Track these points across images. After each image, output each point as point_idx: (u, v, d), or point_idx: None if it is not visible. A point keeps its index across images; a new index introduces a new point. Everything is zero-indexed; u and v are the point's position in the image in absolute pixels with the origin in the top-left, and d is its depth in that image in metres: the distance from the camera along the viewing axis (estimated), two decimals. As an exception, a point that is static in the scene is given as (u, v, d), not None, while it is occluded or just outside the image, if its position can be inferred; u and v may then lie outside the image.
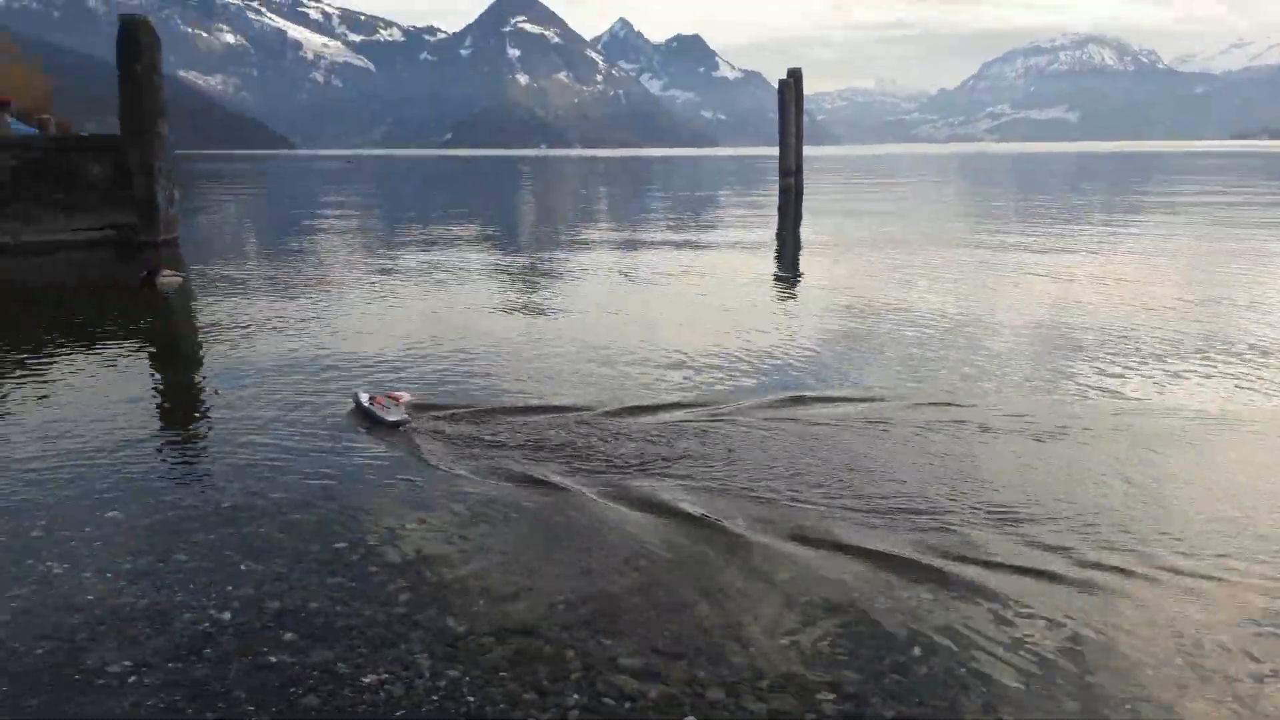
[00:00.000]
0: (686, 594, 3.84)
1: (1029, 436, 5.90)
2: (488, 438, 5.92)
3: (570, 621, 3.62)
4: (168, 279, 12.82)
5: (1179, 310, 10.33)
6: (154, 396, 7.26)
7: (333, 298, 12.02)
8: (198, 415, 6.85)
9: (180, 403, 7.20)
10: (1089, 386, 7.08)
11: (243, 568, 4.12)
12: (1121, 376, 7.36)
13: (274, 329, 9.73)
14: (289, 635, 3.58)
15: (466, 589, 3.87)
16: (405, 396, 6.59)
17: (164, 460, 5.68)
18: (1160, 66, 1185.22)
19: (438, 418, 6.40)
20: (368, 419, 6.34)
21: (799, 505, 4.78)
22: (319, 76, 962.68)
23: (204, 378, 8.02)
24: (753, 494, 4.93)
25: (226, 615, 3.74)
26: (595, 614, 3.69)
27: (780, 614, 3.69)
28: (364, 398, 6.57)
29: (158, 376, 8.08)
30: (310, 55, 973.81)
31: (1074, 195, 35.82)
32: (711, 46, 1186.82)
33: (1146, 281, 12.70)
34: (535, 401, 6.79)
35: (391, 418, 6.28)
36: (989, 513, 4.68)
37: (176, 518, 4.71)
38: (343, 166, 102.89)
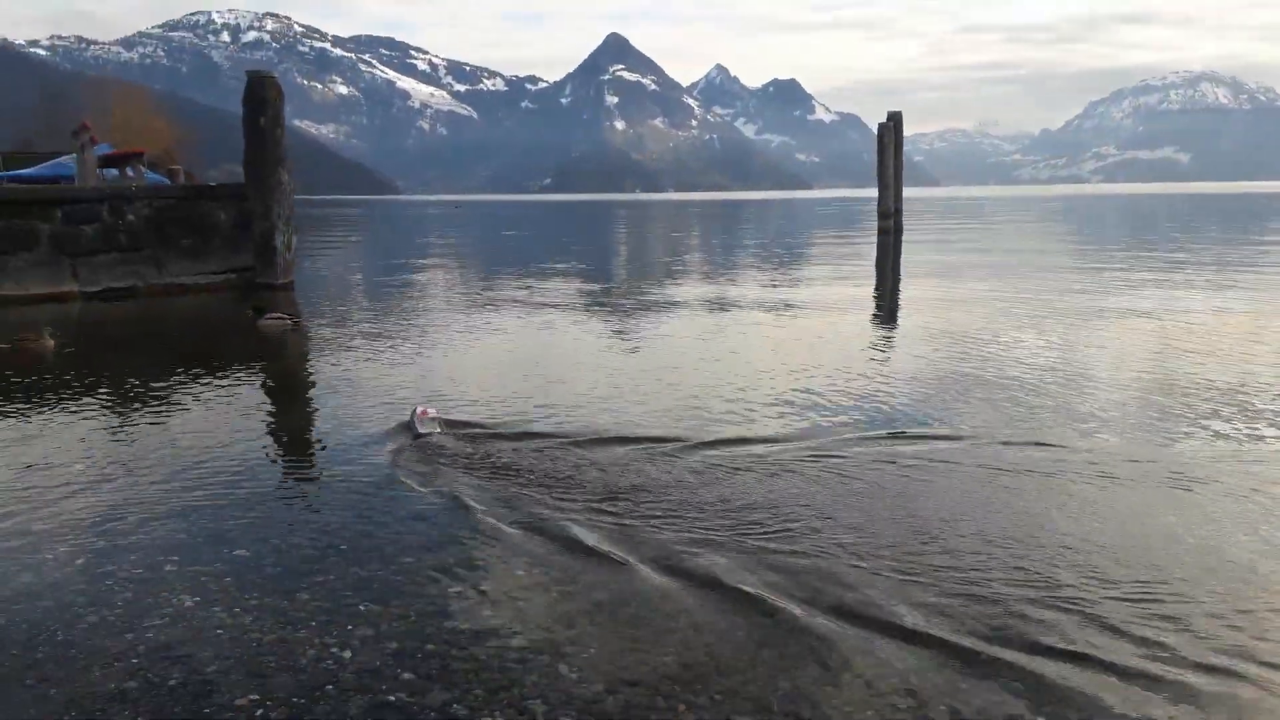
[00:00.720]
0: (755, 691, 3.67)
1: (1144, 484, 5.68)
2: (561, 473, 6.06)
3: None
4: (271, 321, 13.17)
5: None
6: (268, 437, 7.52)
7: (437, 336, 12.38)
8: (307, 456, 7.08)
9: (289, 443, 7.43)
10: (1199, 435, 6.77)
11: (361, 608, 4.25)
12: (1228, 433, 7.01)
13: (382, 370, 10.06)
14: (407, 675, 3.68)
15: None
16: (434, 413, 7.19)
17: (283, 500, 5.90)
18: (1278, 105, 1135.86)
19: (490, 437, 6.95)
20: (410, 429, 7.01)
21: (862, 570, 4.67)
22: (425, 125, 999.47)
23: (310, 418, 8.30)
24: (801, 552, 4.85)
25: (348, 654, 3.84)
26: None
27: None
28: (418, 411, 7.21)
29: (271, 416, 8.39)
30: (417, 104, 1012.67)
31: (1184, 239, 34.44)
32: (808, 90, 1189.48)
33: (1259, 334, 12.10)
34: (614, 433, 7.05)
35: (422, 430, 6.87)
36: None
37: (299, 558, 4.88)
38: (450, 211, 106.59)
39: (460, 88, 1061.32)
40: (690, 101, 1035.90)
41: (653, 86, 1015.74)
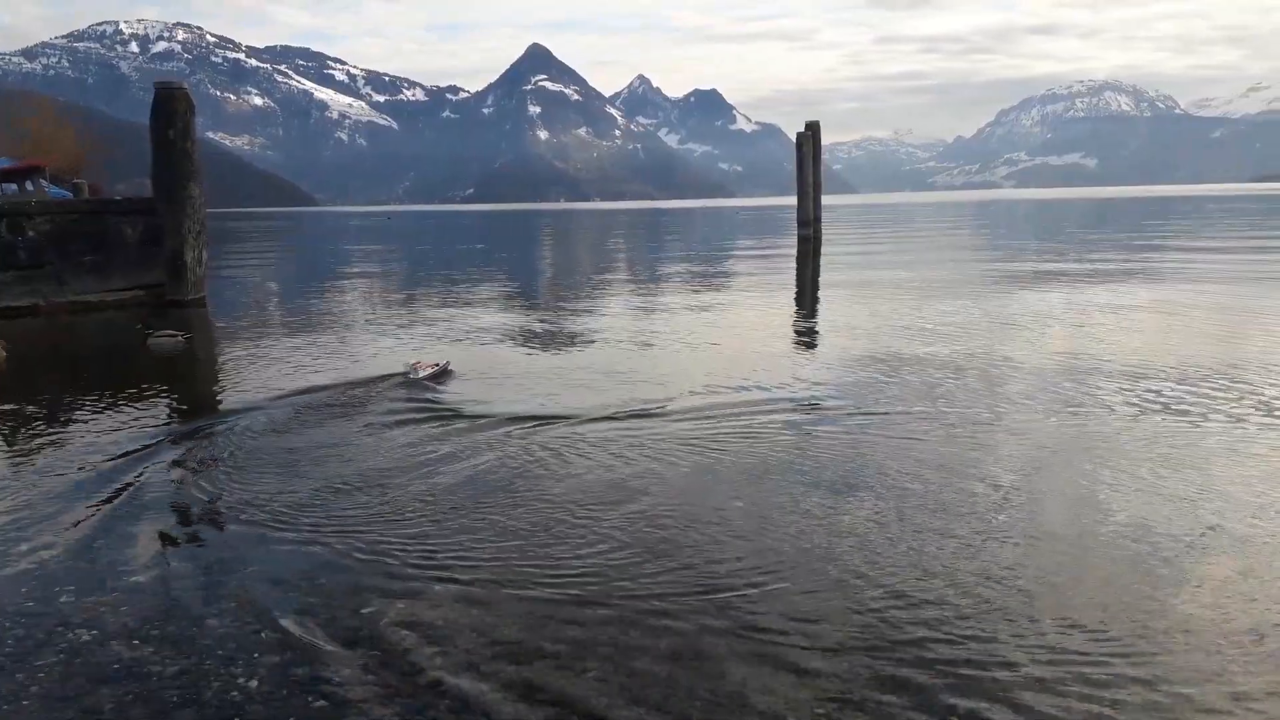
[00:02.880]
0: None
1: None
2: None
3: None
4: (162, 339, 12.76)
5: (1190, 354, 10.27)
6: (161, 457, 7.22)
7: (350, 351, 12.13)
8: (198, 477, 6.73)
9: (182, 464, 7.14)
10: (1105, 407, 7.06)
11: (263, 635, 4.13)
12: (1120, 403, 7.33)
13: (279, 382, 9.81)
14: (318, 703, 3.60)
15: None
16: (428, 367, 9.70)
17: (180, 524, 5.71)
18: (1177, 112, 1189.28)
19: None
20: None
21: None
22: (343, 136, 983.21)
23: (198, 439, 7.92)
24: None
25: (254, 683, 3.75)
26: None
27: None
28: (413, 363, 9.77)
29: (159, 436, 8.01)
30: (335, 115, 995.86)
31: (1091, 240, 35.78)
32: (729, 100, 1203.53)
33: (1163, 327, 12.66)
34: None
35: (415, 375, 9.43)
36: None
37: (202, 583, 4.73)
38: (381, 222, 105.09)
39: (380, 98, 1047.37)
40: (613, 111, 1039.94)
41: (575, 96, 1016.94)
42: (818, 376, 9.96)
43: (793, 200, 38.95)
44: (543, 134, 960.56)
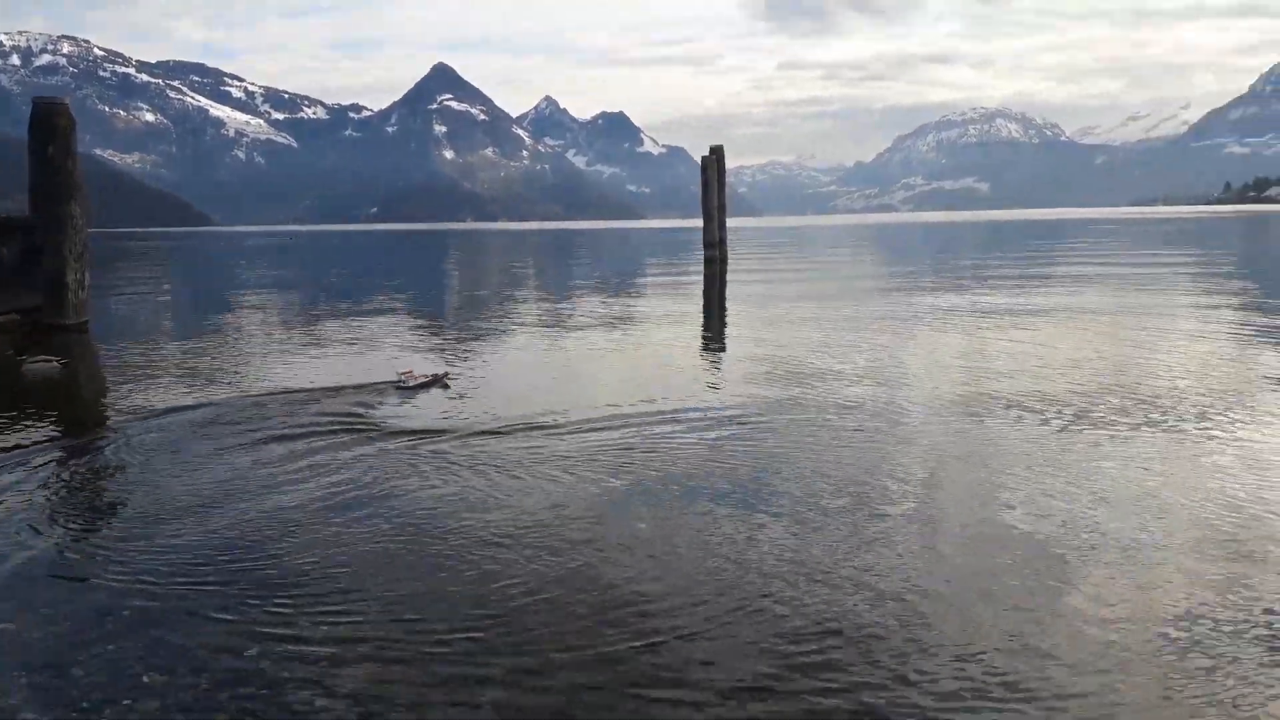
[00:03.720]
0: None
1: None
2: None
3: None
4: (37, 365, 12.19)
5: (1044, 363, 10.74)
6: (26, 491, 6.84)
7: (235, 375, 11.72)
8: (78, 508, 6.47)
9: (62, 496, 6.78)
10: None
11: (145, 680, 3.91)
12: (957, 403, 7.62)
13: (155, 401, 9.43)
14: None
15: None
16: (419, 377, 10.26)
17: (59, 559, 5.40)
18: (1063, 139, 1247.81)
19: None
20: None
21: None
22: (240, 154, 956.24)
23: (69, 469, 7.55)
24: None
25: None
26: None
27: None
28: (405, 372, 10.35)
29: (24, 468, 7.58)
30: (232, 133, 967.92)
31: (984, 261, 37.20)
32: (636, 123, 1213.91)
33: (1045, 341, 13.21)
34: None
35: (405, 384, 10.06)
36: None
37: (72, 627, 4.46)
38: (283, 242, 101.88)
39: (279, 116, 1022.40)
40: (520, 132, 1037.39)
41: (482, 116, 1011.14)
42: (725, 391, 10.06)
43: (700, 222, 39.42)
44: (449, 153, 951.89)
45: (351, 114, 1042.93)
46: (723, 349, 14.14)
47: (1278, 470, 6.70)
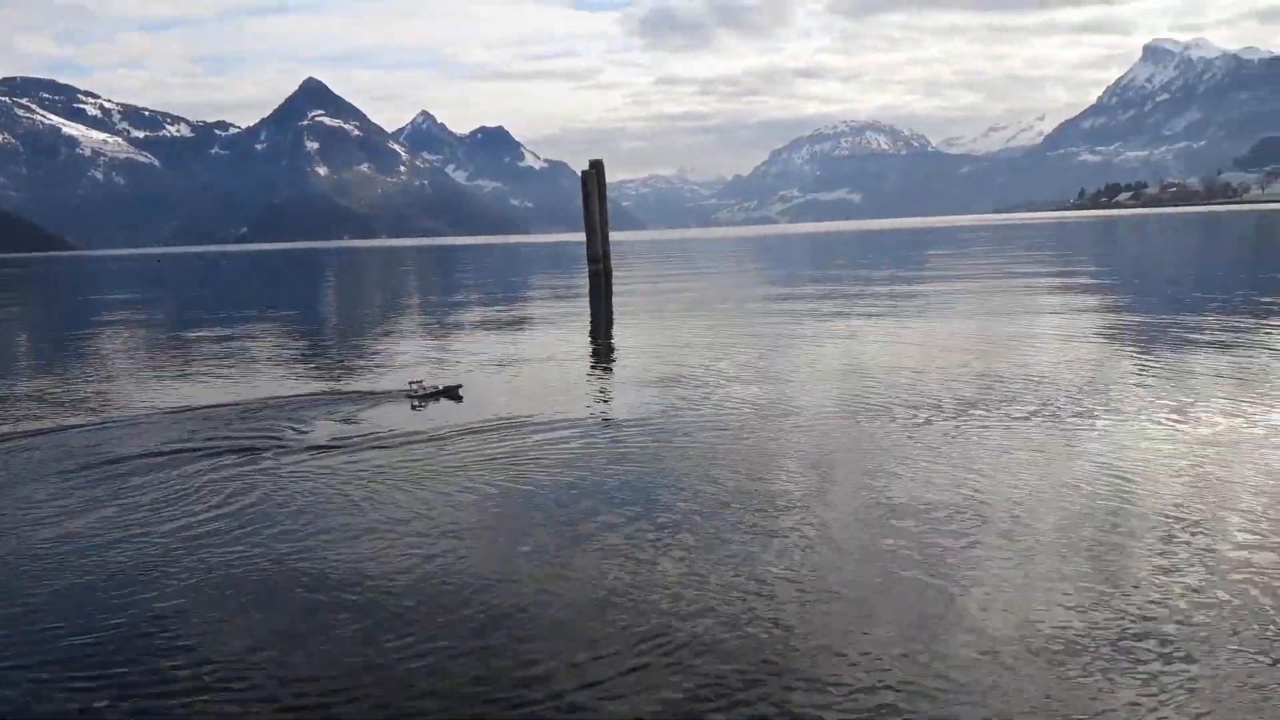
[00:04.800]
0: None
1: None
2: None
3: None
4: None
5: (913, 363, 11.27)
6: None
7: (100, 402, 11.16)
8: None
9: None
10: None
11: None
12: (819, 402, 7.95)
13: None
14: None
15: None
16: (428, 388, 10.55)
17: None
18: (929, 150, 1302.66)
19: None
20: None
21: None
22: (98, 174, 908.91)
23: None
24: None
25: None
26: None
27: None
28: (415, 381, 10.64)
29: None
30: (88, 152, 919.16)
31: (860, 268, 38.54)
32: (516, 138, 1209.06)
33: (913, 342, 13.80)
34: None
35: (414, 394, 10.35)
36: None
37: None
38: (150, 266, 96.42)
39: (139, 134, 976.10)
40: (396, 147, 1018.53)
41: (356, 132, 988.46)
42: (612, 401, 10.13)
43: (585, 236, 39.49)
44: (322, 170, 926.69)
45: (218, 131, 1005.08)
46: (610, 360, 14.22)
47: (1137, 455, 7.18)
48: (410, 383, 10.63)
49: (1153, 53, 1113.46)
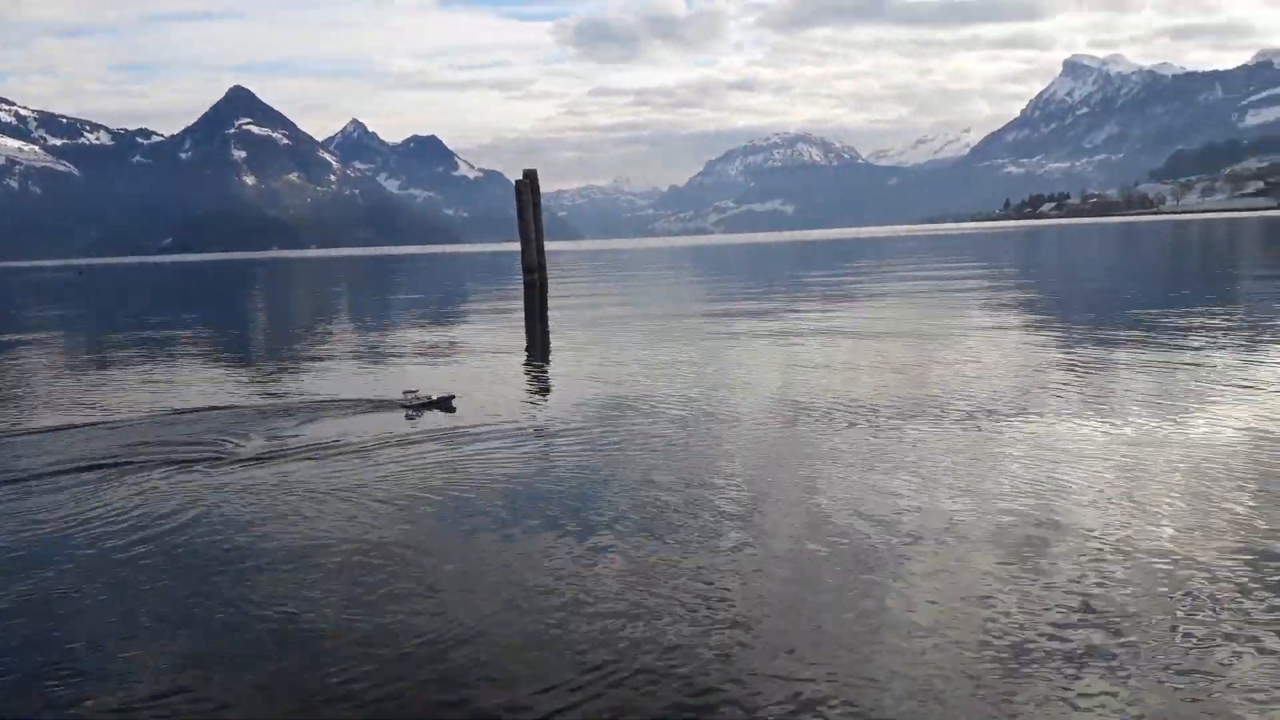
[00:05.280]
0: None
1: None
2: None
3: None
4: None
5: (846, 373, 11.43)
6: None
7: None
8: None
9: None
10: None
11: None
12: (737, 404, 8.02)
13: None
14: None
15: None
16: (423, 397, 10.25)
17: None
18: (860, 162, 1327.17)
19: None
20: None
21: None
22: (13, 183, 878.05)
23: None
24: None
25: None
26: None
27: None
28: (410, 391, 10.42)
29: None
30: (2, 160, 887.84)
31: (794, 278, 39.04)
32: (450, 147, 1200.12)
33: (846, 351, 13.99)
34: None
35: (409, 404, 10.12)
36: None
37: None
38: (70, 278, 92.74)
39: (56, 141, 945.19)
40: (327, 156, 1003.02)
41: (285, 141, 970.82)
42: (547, 410, 10.03)
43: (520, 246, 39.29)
44: (250, 179, 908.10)
45: (140, 139, 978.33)
46: (546, 370, 14.11)
47: (1065, 455, 7.34)
48: (405, 392, 10.43)
49: (1073, 68, 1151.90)
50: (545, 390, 12.14)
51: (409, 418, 9.67)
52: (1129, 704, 3.68)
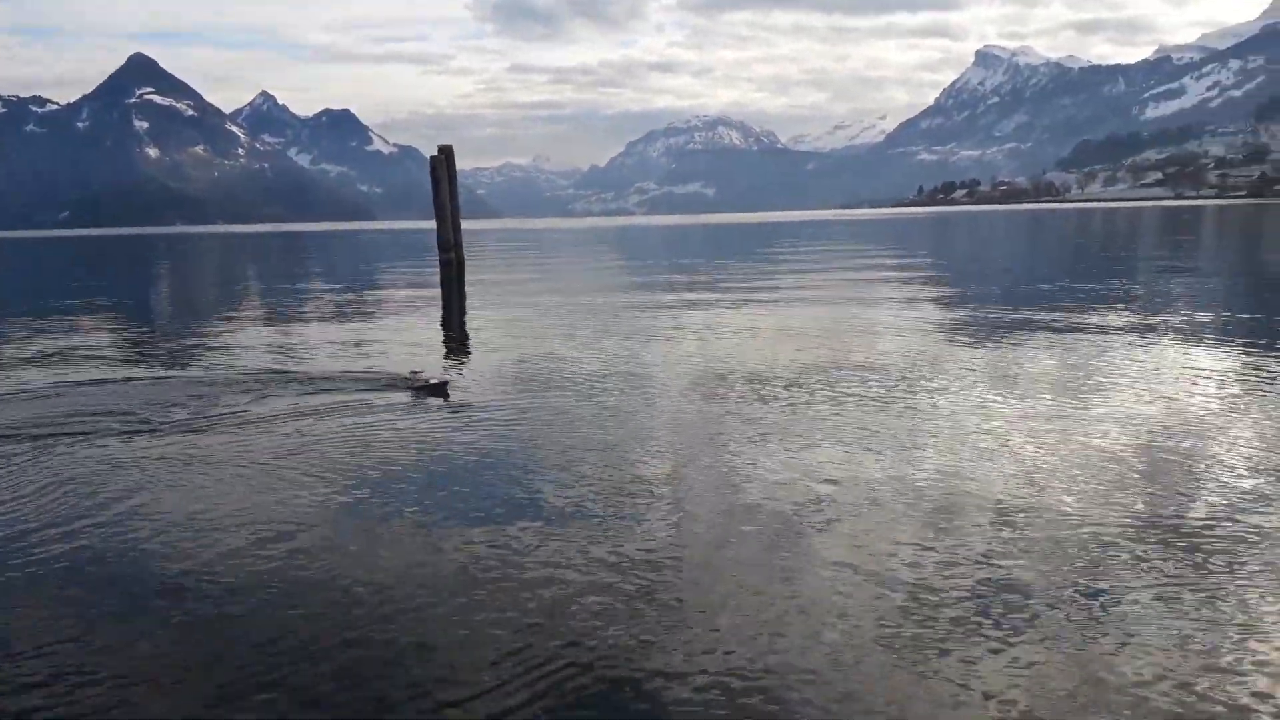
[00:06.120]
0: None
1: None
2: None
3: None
4: None
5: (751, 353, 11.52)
6: None
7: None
8: None
9: None
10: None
11: None
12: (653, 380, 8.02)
13: None
14: None
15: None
16: (424, 374, 9.94)
17: None
18: (779, 146, 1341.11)
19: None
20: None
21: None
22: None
23: None
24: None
25: None
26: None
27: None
28: (414, 370, 10.11)
29: None
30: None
31: (715, 260, 39.26)
32: (364, 121, 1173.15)
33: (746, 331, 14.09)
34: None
35: (412, 385, 9.65)
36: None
37: None
38: None
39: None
40: (234, 129, 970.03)
41: (190, 112, 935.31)
42: (467, 392, 9.81)
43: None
44: (152, 151, 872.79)
45: (34, 107, 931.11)
46: (464, 350, 13.84)
47: (974, 436, 7.47)
48: (411, 372, 10.12)
49: (984, 58, 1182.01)
50: (461, 367, 11.87)
51: (414, 399, 9.30)
52: (1031, 664, 3.79)
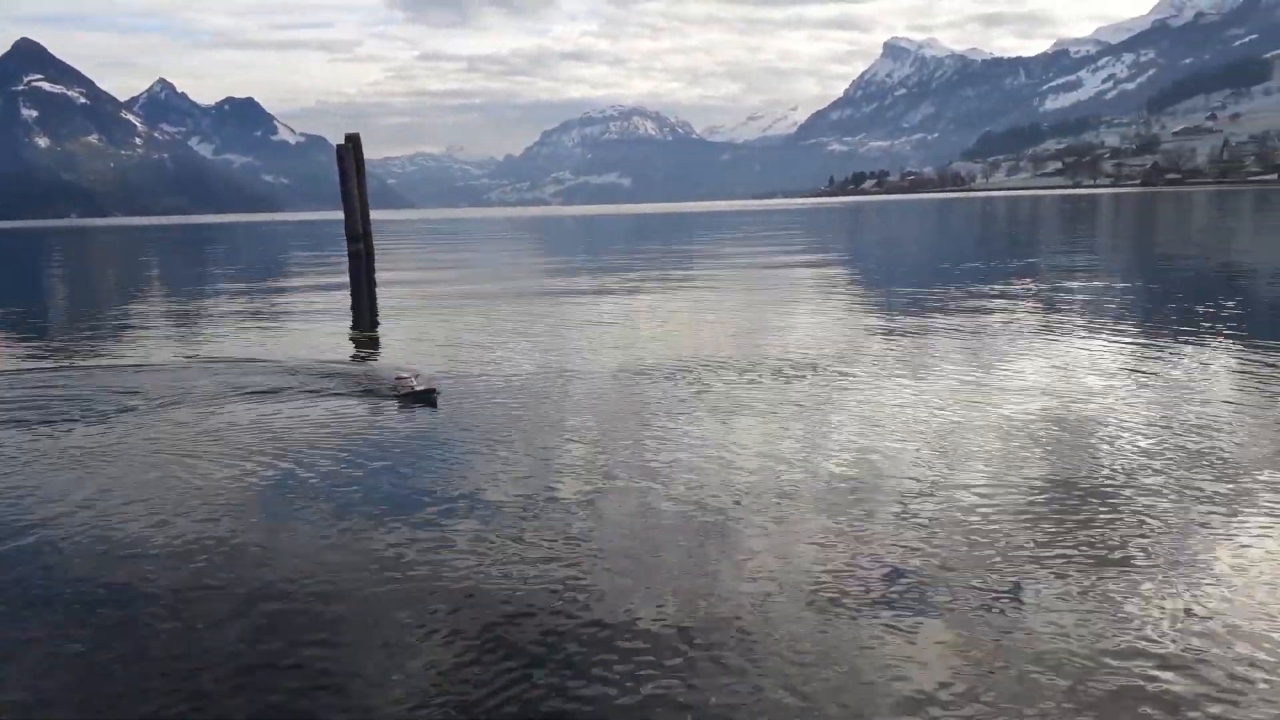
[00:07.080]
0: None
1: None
2: None
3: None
4: None
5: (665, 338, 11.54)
6: None
7: None
8: None
9: None
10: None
11: None
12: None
13: None
14: None
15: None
16: (408, 376, 9.07)
17: None
18: (694, 137, 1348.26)
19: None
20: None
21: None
22: None
23: None
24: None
25: None
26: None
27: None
28: (399, 372, 9.30)
29: None
30: None
31: (634, 250, 39.25)
32: (268, 110, 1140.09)
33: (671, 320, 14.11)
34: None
35: (398, 391, 8.85)
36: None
37: None
38: None
39: None
40: (131, 118, 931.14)
41: (82, 100, 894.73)
42: (381, 388, 9.55)
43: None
44: (42, 141, 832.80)
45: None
46: (374, 344, 13.50)
47: (888, 421, 7.55)
48: (398, 376, 9.21)
49: (892, 50, 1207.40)
50: (373, 360, 11.56)
51: (401, 406, 8.50)
52: (942, 642, 3.84)
